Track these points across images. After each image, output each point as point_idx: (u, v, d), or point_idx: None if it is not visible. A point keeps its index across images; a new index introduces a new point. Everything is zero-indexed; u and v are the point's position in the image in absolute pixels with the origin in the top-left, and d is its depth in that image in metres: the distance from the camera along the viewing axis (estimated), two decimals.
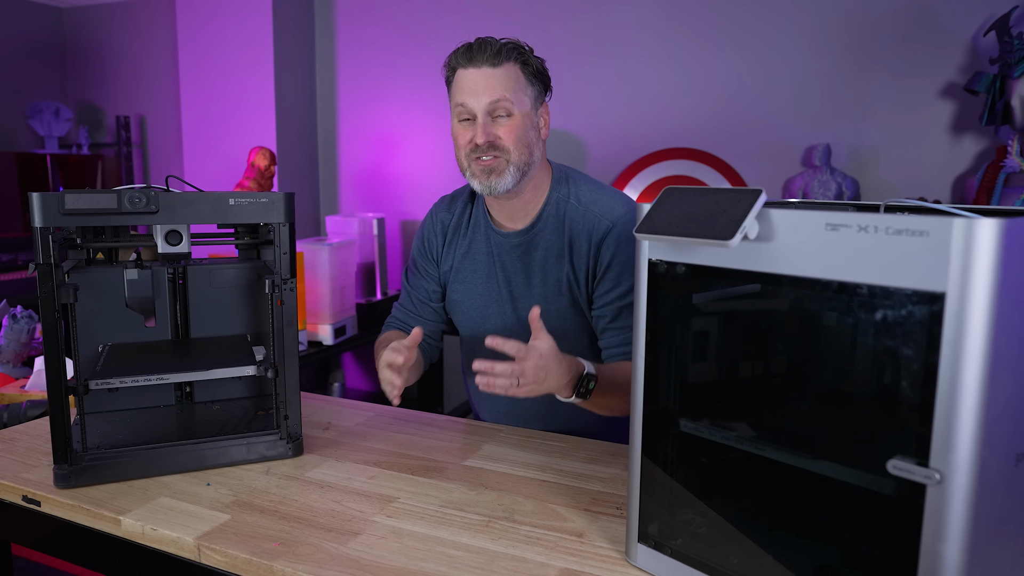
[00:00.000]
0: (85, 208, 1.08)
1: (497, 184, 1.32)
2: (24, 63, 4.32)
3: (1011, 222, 0.59)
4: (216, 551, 0.97)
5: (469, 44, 1.31)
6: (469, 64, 1.30)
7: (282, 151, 3.58)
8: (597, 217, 1.36)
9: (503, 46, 1.30)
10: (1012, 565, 0.71)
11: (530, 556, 0.95)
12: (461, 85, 1.31)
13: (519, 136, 1.31)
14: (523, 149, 1.32)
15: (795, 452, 0.76)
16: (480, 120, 1.30)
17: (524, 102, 1.32)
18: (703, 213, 0.77)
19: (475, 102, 1.29)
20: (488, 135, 1.30)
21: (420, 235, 1.55)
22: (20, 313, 2.47)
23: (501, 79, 1.29)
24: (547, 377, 1.14)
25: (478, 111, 1.30)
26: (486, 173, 1.32)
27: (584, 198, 1.39)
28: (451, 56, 1.34)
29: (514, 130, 1.30)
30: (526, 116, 1.32)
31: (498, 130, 1.30)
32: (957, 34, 2.64)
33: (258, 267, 1.44)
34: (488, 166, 1.31)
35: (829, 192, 2.74)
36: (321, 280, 2.83)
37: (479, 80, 1.29)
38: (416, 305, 1.54)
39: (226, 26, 3.60)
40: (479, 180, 1.33)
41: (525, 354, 1.12)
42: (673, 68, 3.08)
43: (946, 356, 0.61)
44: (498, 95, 1.28)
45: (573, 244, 1.37)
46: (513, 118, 1.30)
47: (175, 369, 1.23)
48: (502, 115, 1.30)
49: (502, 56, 1.29)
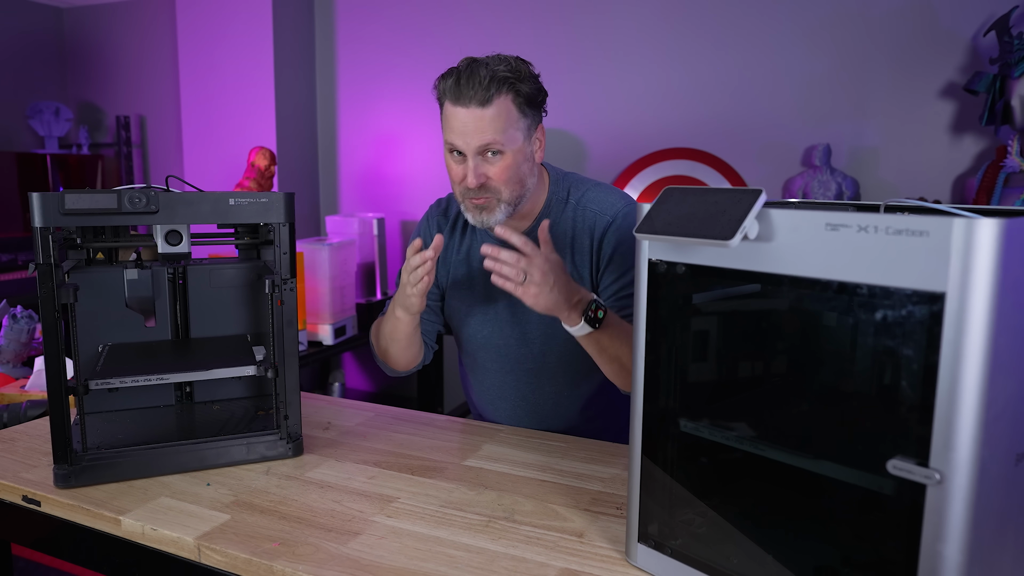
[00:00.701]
0: (85, 208, 1.08)
1: (488, 220, 1.31)
2: (24, 63, 4.32)
3: (1011, 222, 0.59)
4: (216, 551, 0.97)
5: (458, 77, 1.23)
6: (457, 102, 1.24)
7: (282, 151, 3.58)
8: (596, 214, 1.37)
9: (492, 78, 1.22)
10: (1012, 565, 0.71)
11: (530, 556, 0.95)
12: (450, 123, 1.26)
13: (511, 175, 1.28)
14: (515, 186, 1.29)
15: (795, 452, 0.76)
16: (471, 162, 1.26)
17: (516, 138, 1.26)
18: (703, 213, 0.77)
19: (464, 143, 1.25)
20: (479, 177, 1.26)
21: (418, 233, 1.55)
22: (20, 313, 2.47)
23: (491, 120, 1.23)
24: (554, 284, 1.13)
25: (468, 152, 1.26)
26: (478, 210, 1.31)
27: (582, 197, 1.39)
28: (440, 82, 1.27)
29: (506, 170, 1.27)
30: (518, 152, 1.27)
31: (489, 170, 1.27)
32: (957, 34, 2.64)
33: (258, 267, 1.44)
34: (479, 204, 1.30)
35: (829, 192, 2.74)
36: (321, 280, 2.83)
37: (468, 121, 1.23)
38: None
39: (226, 26, 3.60)
40: (471, 215, 1.32)
41: (532, 251, 1.12)
42: (673, 68, 3.08)
43: (946, 356, 0.61)
44: (489, 138, 1.23)
45: (575, 242, 1.37)
46: (504, 156, 1.26)
47: (175, 369, 1.23)
48: (495, 153, 1.26)
49: (492, 90, 1.22)
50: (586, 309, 1.17)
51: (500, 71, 1.23)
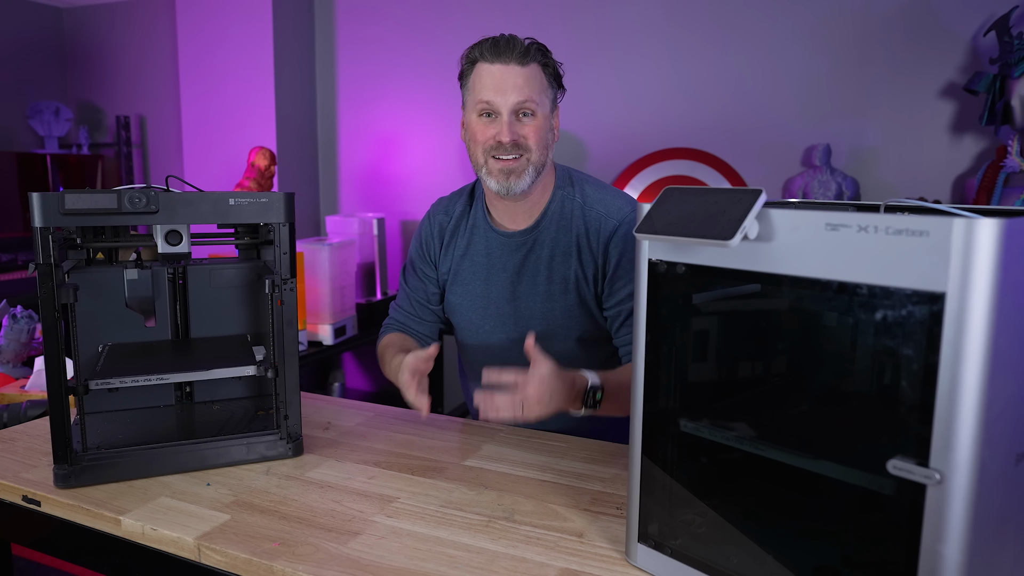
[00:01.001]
0: (85, 208, 1.08)
1: (516, 185, 1.31)
2: (24, 63, 4.32)
3: (1011, 222, 0.59)
4: (216, 551, 0.97)
5: (495, 39, 1.29)
6: (496, 59, 1.28)
7: (282, 151, 3.58)
8: (603, 216, 1.37)
9: (530, 46, 1.29)
10: (1012, 565, 0.71)
11: (530, 556, 0.95)
12: (484, 81, 1.29)
13: (541, 137, 1.31)
14: (543, 150, 1.32)
15: (795, 452, 0.76)
16: (505, 118, 1.29)
17: (545, 104, 1.32)
18: (703, 213, 0.77)
19: (502, 100, 1.28)
20: (513, 134, 1.29)
21: (418, 237, 1.55)
22: (20, 313, 2.47)
23: (528, 79, 1.28)
24: (551, 398, 1.14)
25: (504, 109, 1.28)
26: (505, 174, 1.31)
27: (589, 197, 1.39)
28: (472, 49, 1.31)
29: (537, 130, 1.30)
30: (546, 118, 1.32)
31: (523, 129, 1.30)
32: (957, 34, 2.64)
33: (258, 267, 1.44)
34: (508, 166, 1.30)
35: (829, 192, 2.74)
36: (321, 280, 2.83)
37: (507, 77, 1.28)
38: (415, 307, 1.54)
39: (226, 26, 3.60)
40: (496, 180, 1.32)
41: (526, 380, 1.11)
42: (673, 68, 3.08)
43: (946, 356, 0.61)
44: (526, 95, 1.28)
45: (580, 242, 1.37)
46: (536, 118, 1.30)
47: (175, 369, 1.23)
48: (527, 114, 1.30)
49: (529, 56, 1.29)
50: (586, 399, 1.20)
51: (534, 41, 1.31)
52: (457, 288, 1.48)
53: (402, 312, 1.56)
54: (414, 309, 1.54)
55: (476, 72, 1.31)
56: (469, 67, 1.33)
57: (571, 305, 1.39)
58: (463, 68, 1.34)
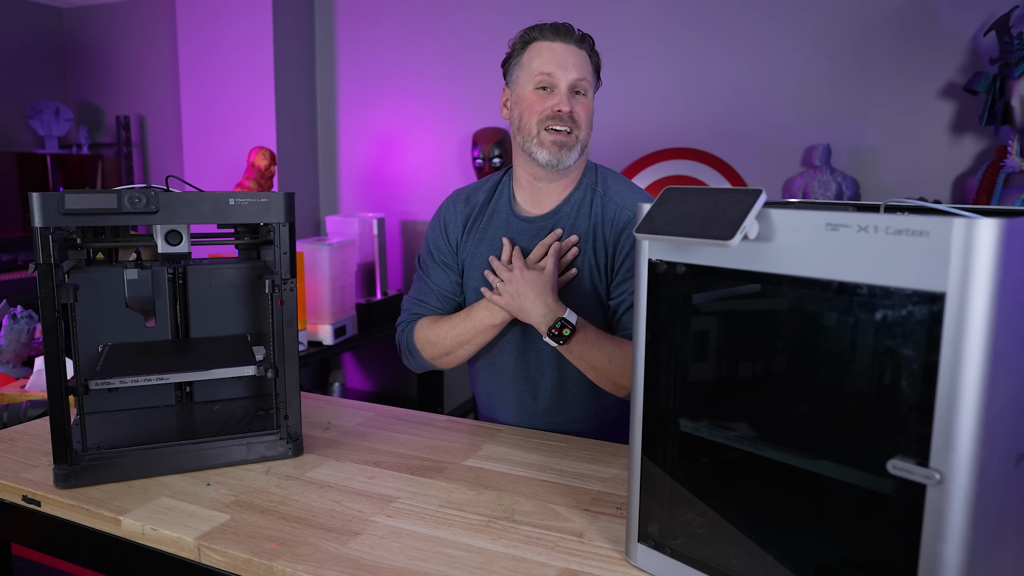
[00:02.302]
0: (85, 208, 1.08)
1: (566, 159, 1.37)
2: (24, 63, 4.33)
3: (1011, 222, 0.59)
4: (216, 551, 0.97)
5: (553, 23, 1.37)
6: (556, 38, 1.35)
7: (282, 151, 3.58)
8: (620, 207, 1.40)
9: (584, 34, 1.38)
10: (1012, 565, 0.71)
11: (530, 556, 0.95)
12: (544, 56, 1.35)
13: (589, 116, 1.39)
14: (589, 130, 1.39)
15: (795, 452, 0.76)
16: (563, 92, 1.35)
17: (592, 88, 1.40)
18: (703, 213, 0.77)
19: (563, 74, 1.34)
20: (571, 106, 1.35)
21: (440, 223, 1.53)
22: (20, 313, 2.47)
23: (584, 60, 1.37)
24: (520, 295, 1.31)
25: (563, 83, 1.34)
26: (557, 146, 1.36)
27: (610, 189, 1.43)
28: (530, 29, 1.38)
29: (587, 110, 1.38)
30: (591, 103, 1.40)
31: (576, 106, 1.36)
32: (957, 34, 2.64)
33: (258, 267, 1.44)
34: (560, 139, 1.35)
35: (829, 192, 2.74)
36: (321, 280, 2.83)
37: (568, 55, 1.35)
38: (442, 301, 1.51)
39: (226, 26, 3.60)
40: (548, 151, 1.36)
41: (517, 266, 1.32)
42: (673, 68, 3.08)
43: (946, 356, 0.61)
44: (583, 74, 1.35)
45: (596, 231, 1.40)
46: (587, 98, 1.38)
47: (175, 369, 1.23)
48: (580, 93, 1.36)
49: (584, 42, 1.37)
50: (551, 327, 1.30)
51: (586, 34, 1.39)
52: (475, 272, 1.47)
53: (427, 307, 1.51)
54: (442, 304, 1.51)
55: (533, 49, 1.37)
56: (522, 47, 1.39)
57: (582, 293, 1.39)
58: (513, 49, 1.40)
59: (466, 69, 3.45)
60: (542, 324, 1.30)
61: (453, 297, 1.51)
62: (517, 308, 1.32)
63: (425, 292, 1.52)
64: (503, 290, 1.33)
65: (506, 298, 1.33)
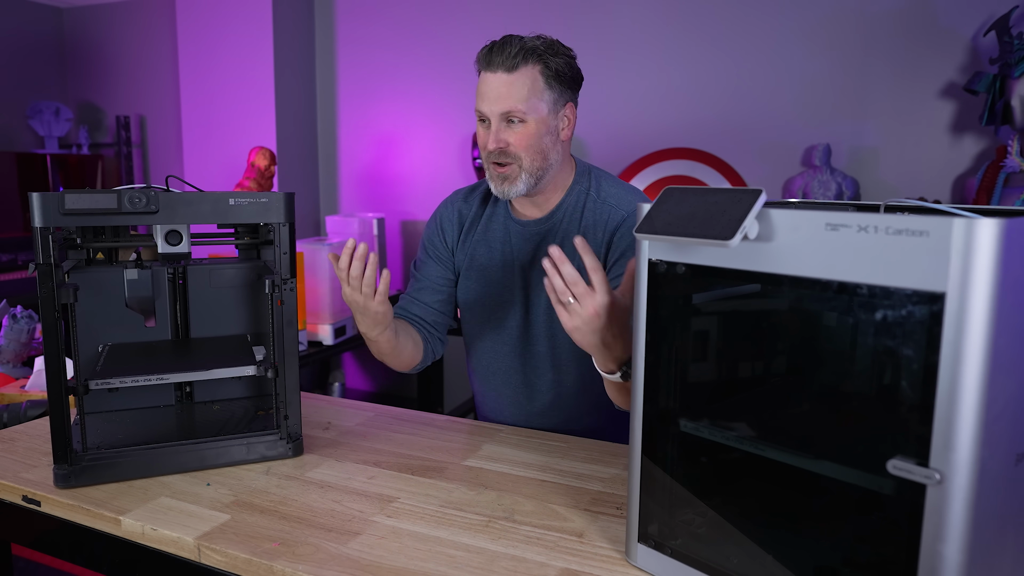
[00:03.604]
0: (85, 208, 1.08)
1: (509, 190, 1.34)
2: (24, 63, 4.32)
3: (1011, 222, 0.59)
4: (216, 551, 0.97)
5: (492, 44, 1.31)
6: (487, 67, 1.31)
7: (282, 151, 3.58)
8: (613, 208, 1.38)
9: (523, 48, 1.28)
10: (1012, 565, 0.71)
11: (530, 556, 0.95)
12: (480, 89, 1.33)
13: (531, 143, 1.31)
14: (535, 155, 1.32)
15: (795, 452, 0.76)
16: (493, 126, 1.32)
17: (539, 108, 1.30)
18: (703, 213, 0.77)
19: (488, 108, 1.31)
20: (499, 142, 1.31)
21: (436, 222, 1.54)
22: (20, 313, 2.47)
23: (516, 86, 1.29)
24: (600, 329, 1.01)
25: (492, 117, 1.31)
26: (500, 179, 1.34)
27: (603, 192, 1.41)
28: (479, 54, 1.35)
29: (526, 137, 1.31)
30: (541, 122, 1.31)
31: (510, 136, 1.31)
32: (957, 34, 2.64)
33: (258, 267, 1.44)
34: (501, 172, 1.34)
35: (829, 192, 2.74)
36: (321, 280, 2.83)
37: (494, 86, 1.30)
38: (418, 291, 1.51)
39: (226, 26, 3.60)
40: (494, 184, 1.36)
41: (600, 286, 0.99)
42: (673, 68, 3.08)
43: (946, 356, 0.61)
44: (509, 106, 1.29)
45: (587, 234, 1.38)
46: (526, 125, 1.31)
47: (175, 369, 1.23)
48: (515, 121, 1.31)
49: (520, 59, 1.28)
50: (626, 363, 1.07)
51: (532, 43, 1.30)
52: (472, 273, 1.48)
53: (408, 298, 1.53)
54: (417, 293, 1.52)
55: (479, 80, 1.34)
56: (478, 69, 1.35)
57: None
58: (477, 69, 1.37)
59: (466, 69, 3.45)
60: (616, 362, 1.07)
61: (433, 287, 1.52)
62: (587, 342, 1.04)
63: (418, 289, 1.53)
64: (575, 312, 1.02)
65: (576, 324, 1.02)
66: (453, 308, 1.55)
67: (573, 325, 1.03)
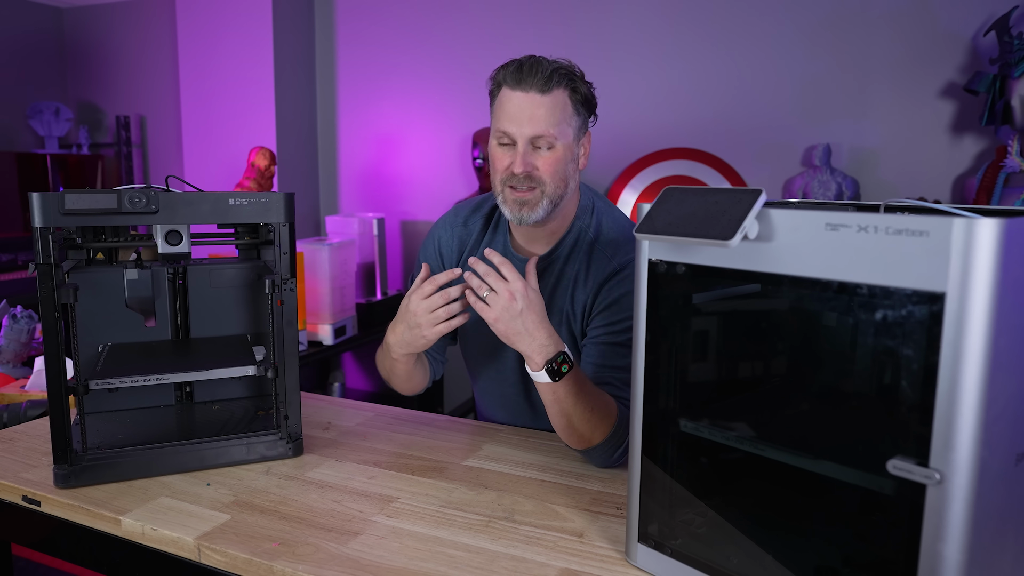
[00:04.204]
0: (85, 208, 1.08)
1: (529, 216, 1.27)
2: (24, 63, 4.32)
3: (1011, 222, 0.59)
4: (216, 551, 0.97)
5: (520, 62, 1.24)
6: (517, 86, 1.23)
7: (282, 151, 3.58)
8: (607, 258, 1.32)
9: (555, 70, 1.23)
10: (1012, 565, 0.71)
11: (530, 556, 0.95)
12: (505, 108, 1.25)
13: (557, 170, 1.26)
14: (559, 182, 1.27)
15: (795, 452, 0.76)
16: (520, 149, 1.24)
17: (567, 133, 1.25)
18: (703, 213, 0.77)
19: (518, 130, 1.23)
20: (527, 165, 1.24)
21: (435, 246, 1.48)
22: (20, 313, 2.47)
23: (548, 108, 1.22)
24: (520, 314, 1.09)
25: (520, 139, 1.24)
26: (519, 204, 1.27)
27: (603, 234, 1.35)
28: (498, 71, 1.27)
29: (553, 163, 1.25)
30: (567, 148, 1.26)
31: (537, 160, 1.25)
32: (957, 34, 2.64)
33: (258, 267, 1.44)
34: (522, 197, 1.26)
35: (829, 192, 2.74)
36: (321, 280, 2.83)
37: (525, 107, 1.22)
38: None
39: (226, 26, 3.60)
40: (510, 209, 1.29)
41: (511, 274, 1.10)
42: (673, 68, 3.08)
43: (946, 356, 0.61)
44: (542, 129, 1.22)
45: (578, 279, 1.33)
46: (555, 151, 1.25)
47: (175, 369, 1.23)
48: (543, 147, 1.25)
49: (552, 82, 1.22)
50: (552, 359, 1.11)
51: (560, 65, 1.25)
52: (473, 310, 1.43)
53: None
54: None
55: (500, 97, 1.27)
56: (495, 90, 1.28)
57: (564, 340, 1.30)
58: (491, 88, 1.30)
59: (466, 69, 3.45)
60: (540, 354, 1.11)
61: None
62: (510, 330, 1.11)
63: None
64: (494, 302, 1.11)
65: (497, 312, 1.11)
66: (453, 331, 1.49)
67: (495, 316, 1.11)
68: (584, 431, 1.17)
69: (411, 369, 1.35)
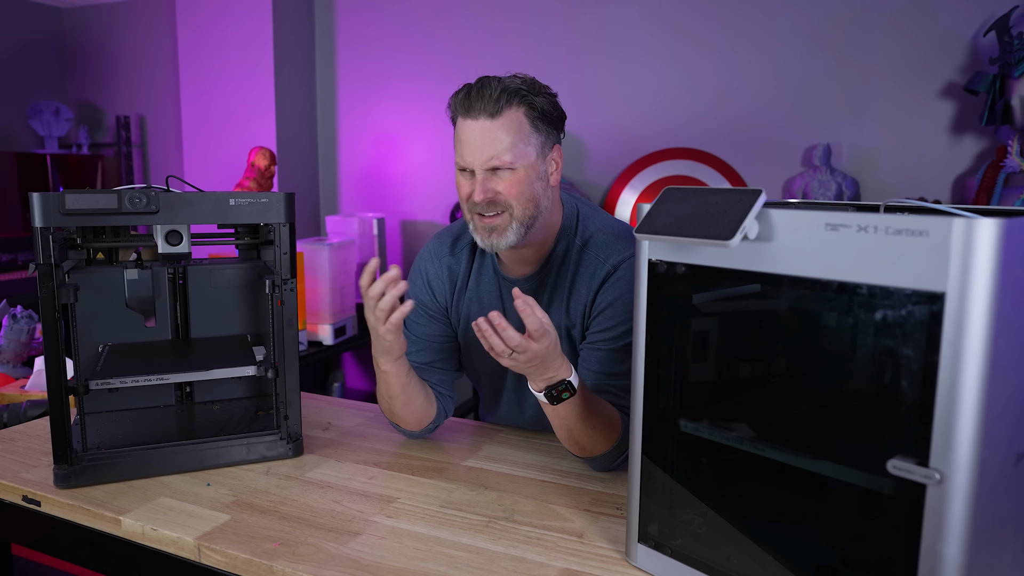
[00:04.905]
0: (85, 208, 1.08)
1: (499, 242, 1.24)
2: (24, 63, 4.32)
3: (1011, 222, 0.59)
4: (216, 551, 0.97)
5: (468, 88, 1.20)
6: (467, 114, 1.19)
7: (282, 151, 3.58)
8: (601, 261, 1.29)
9: (504, 90, 1.18)
10: (1012, 565, 0.71)
11: (530, 556, 0.95)
12: (460, 138, 1.21)
13: (522, 191, 1.21)
14: (527, 203, 1.22)
15: (795, 452, 0.76)
16: (479, 176, 1.20)
17: (527, 153, 1.20)
18: (703, 213, 0.77)
19: (471, 159, 1.20)
20: (487, 192, 1.20)
21: (423, 280, 1.43)
22: (20, 313, 2.47)
23: (501, 132, 1.18)
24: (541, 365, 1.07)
25: (476, 168, 1.20)
26: (487, 231, 1.23)
27: (590, 241, 1.32)
28: (451, 99, 1.23)
29: (516, 185, 1.20)
30: (530, 168, 1.21)
31: (498, 185, 1.20)
32: (957, 34, 2.64)
33: (258, 267, 1.45)
34: (490, 224, 1.23)
35: (829, 192, 2.74)
36: (321, 280, 2.83)
37: (476, 135, 1.19)
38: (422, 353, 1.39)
39: (226, 26, 3.60)
40: (480, 236, 1.25)
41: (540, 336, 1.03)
42: (673, 68, 3.08)
43: (946, 356, 0.61)
44: (493, 153, 1.18)
45: (573, 289, 1.31)
46: (515, 172, 1.20)
47: (175, 369, 1.23)
48: (502, 169, 1.20)
49: (502, 102, 1.17)
50: (551, 387, 1.10)
51: (512, 83, 1.20)
52: (471, 332, 1.39)
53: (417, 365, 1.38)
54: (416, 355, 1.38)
55: (456, 126, 1.23)
56: (453, 117, 1.24)
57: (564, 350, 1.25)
58: (450, 116, 1.25)
59: (466, 69, 3.45)
60: (544, 380, 1.10)
61: (440, 349, 1.42)
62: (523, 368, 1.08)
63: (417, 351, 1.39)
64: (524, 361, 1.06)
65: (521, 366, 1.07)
66: (457, 361, 1.46)
67: (513, 366, 1.07)
68: (586, 444, 1.17)
69: (405, 383, 1.27)
